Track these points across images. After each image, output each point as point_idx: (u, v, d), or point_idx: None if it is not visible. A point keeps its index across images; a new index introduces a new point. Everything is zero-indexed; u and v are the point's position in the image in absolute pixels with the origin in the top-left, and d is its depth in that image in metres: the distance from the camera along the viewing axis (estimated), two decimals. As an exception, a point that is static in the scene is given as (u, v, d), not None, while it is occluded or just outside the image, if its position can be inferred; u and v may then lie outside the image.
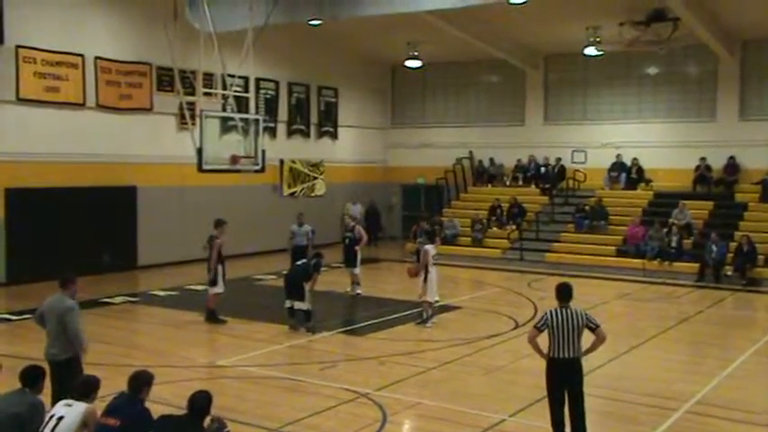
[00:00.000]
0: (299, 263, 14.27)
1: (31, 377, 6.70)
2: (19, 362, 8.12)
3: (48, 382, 7.31)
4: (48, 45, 18.90)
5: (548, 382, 8.06)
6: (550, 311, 8.01)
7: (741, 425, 9.19)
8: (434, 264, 14.54)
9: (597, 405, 10.06)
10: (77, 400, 6.39)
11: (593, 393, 10.36)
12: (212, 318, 14.45)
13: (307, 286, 13.77)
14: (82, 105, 19.80)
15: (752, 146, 23.50)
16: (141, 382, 6.58)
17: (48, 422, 6.19)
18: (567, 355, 7.85)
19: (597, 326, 7.90)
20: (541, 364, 8.17)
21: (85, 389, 6.56)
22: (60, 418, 6.17)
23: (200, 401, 6.26)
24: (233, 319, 14.56)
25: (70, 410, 6.24)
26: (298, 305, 13.80)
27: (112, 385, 8.41)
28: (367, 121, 29.83)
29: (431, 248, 14.66)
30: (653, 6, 20.71)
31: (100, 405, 6.60)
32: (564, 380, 7.94)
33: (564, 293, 8.04)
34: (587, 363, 8.23)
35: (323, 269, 14.53)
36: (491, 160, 28.04)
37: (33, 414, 6.38)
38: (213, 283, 14.48)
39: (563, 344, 7.84)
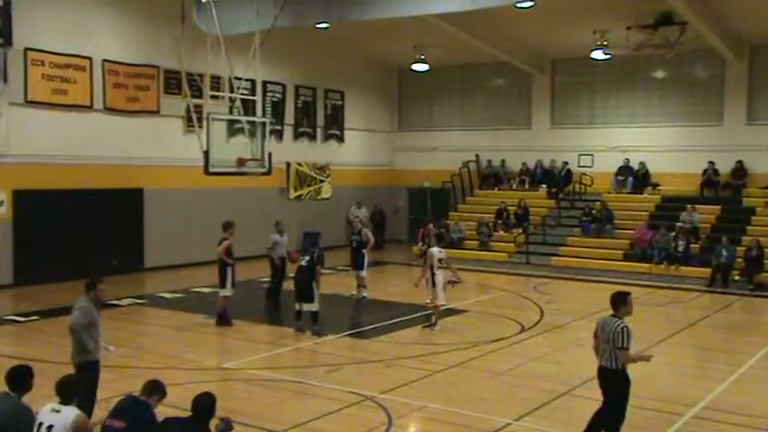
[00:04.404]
0: (303, 263, 14.13)
1: (16, 378, 6.34)
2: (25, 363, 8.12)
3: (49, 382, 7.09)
4: (56, 47, 18.99)
5: None
6: (600, 317, 8.13)
7: (748, 430, 9.15)
8: (440, 267, 14.50)
9: (603, 409, 10.04)
10: (62, 403, 6.03)
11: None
12: (222, 320, 14.47)
13: (315, 285, 13.79)
14: (89, 108, 19.87)
15: (759, 150, 23.46)
16: (155, 388, 6.54)
17: (37, 431, 5.88)
18: (599, 362, 7.96)
19: (619, 347, 7.73)
20: (546, 368, 8.16)
21: (68, 390, 6.14)
22: (50, 428, 5.82)
23: (204, 403, 6.27)
24: (239, 322, 14.57)
25: (59, 418, 5.86)
26: (306, 307, 13.80)
27: (118, 387, 8.46)
28: (373, 125, 29.87)
29: (436, 251, 14.63)
30: (660, 10, 20.70)
31: (106, 407, 6.60)
32: (600, 386, 8.05)
33: (610, 301, 8.05)
34: (593, 366, 8.20)
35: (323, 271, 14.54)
36: (502, 162, 28.04)
37: (17, 421, 6.02)
38: (222, 285, 14.51)
39: (599, 351, 7.96)
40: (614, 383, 7.89)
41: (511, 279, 21.21)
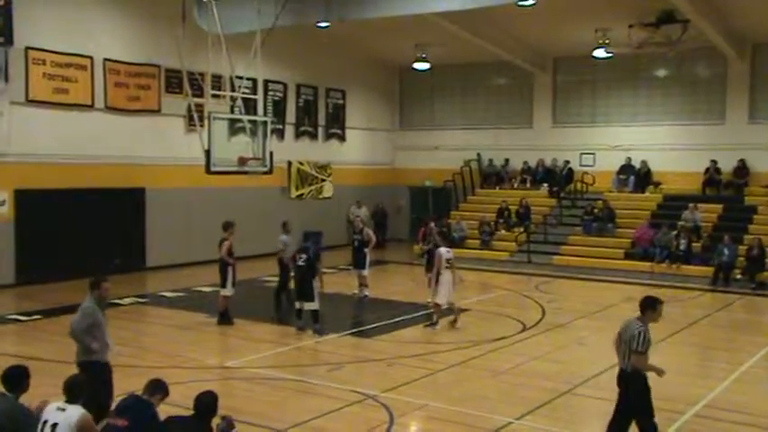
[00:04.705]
0: (301, 262, 14.10)
1: (12, 379, 6.34)
2: (27, 363, 8.13)
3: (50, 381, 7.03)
4: (57, 47, 18.98)
5: None
6: (627, 318, 7.94)
7: (749, 428, 9.15)
8: (447, 267, 14.47)
9: (605, 408, 10.02)
10: (69, 401, 6.02)
11: (601, 396, 10.35)
12: (224, 319, 14.49)
13: (315, 283, 13.79)
14: (90, 107, 19.87)
15: (761, 148, 23.43)
16: (157, 387, 6.56)
17: (42, 429, 5.87)
18: (619, 364, 7.79)
19: (634, 350, 7.54)
20: (548, 367, 8.14)
21: (75, 390, 6.12)
22: (54, 426, 5.82)
23: (206, 401, 6.29)
24: (241, 321, 14.59)
25: (64, 416, 5.86)
26: (307, 306, 13.82)
27: (121, 386, 8.44)
28: (375, 124, 29.85)
29: (444, 251, 14.61)
30: (662, 8, 20.67)
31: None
32: (618, 385, 7.84)
33: (639, 304, 7.85)
34: (594, 365, 8.20)
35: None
36: (506, 161, 28.02)
37: (16, 421, 6.01)
38: (223, 285, 14.53)
39: (619, 352, 7.78)
40: (627, 385, 7.70)
41: (512, 278, 21.20)
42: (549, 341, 13.56)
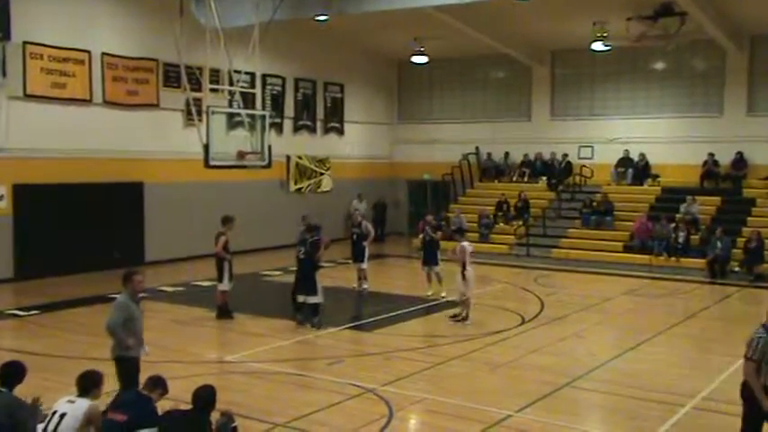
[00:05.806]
0: (301, 256, 14.08)
1: (7, 375, 6.42)
2: (26, 358, 8.13)
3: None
4: (54, 41, 18.93)
5: None
6: None
7: (748, 421, 9.16)
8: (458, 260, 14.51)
9: (604, 401, 10.07)
10: (79, 395, 6.26)
11: (601, 389, 10.39)
12: (222, 314, 14.49)
13: (318, 277, 13.78)
14: (89, 101, 19.83)
15: (760, 141, 23.41)
16: (157, 384, 6.60)
17: (50, 419, 6.07)
18: None
19: (744, 355, 7.04)
20: (547, 360, 8.15)
21: (86, 383, 6.37)
22: (63, 416, 6.04)
23: (203, 396, 6.32)
24: (240, 315, 14.59)
25: (73, 408, 6.11)
26: (311, 299, 13.79)
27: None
28: (373, 117, 29.82)
29: (468, 246, 14.61)
30: (660, 1, 20.64)
31: (107, 400, 6.61)
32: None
33: None
34: (593, 358, 8.19)
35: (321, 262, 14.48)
36: (506, 154, 28.00)
37: (14, 417, 6.07)
38: (219, 280, 14.53)
39: None
40: (743, 395, 7.15)
41: (511, 271, 21.21)
42: (548, 334, 13.58)
